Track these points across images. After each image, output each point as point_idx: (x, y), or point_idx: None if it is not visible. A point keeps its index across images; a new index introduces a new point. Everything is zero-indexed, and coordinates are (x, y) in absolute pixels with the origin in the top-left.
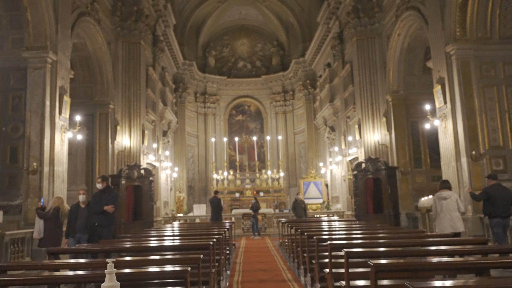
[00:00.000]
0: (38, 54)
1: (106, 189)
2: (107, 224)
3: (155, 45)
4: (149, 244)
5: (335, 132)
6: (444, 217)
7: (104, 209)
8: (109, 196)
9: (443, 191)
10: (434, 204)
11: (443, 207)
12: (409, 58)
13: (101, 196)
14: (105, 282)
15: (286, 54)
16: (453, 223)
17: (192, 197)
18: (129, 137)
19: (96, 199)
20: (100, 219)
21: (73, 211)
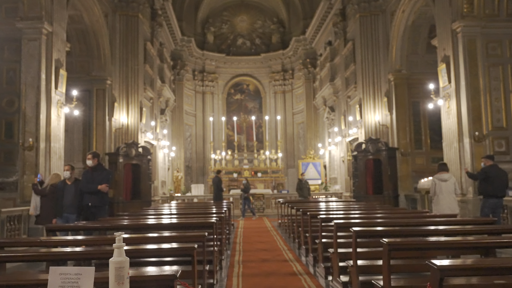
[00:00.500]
0: (33, 24)
1: (98, 166)
2: (101, 204)
3: (154, 19)
4: (150, 222)
5: (334, 112)
6: (443, 199)
7: (98, 189)
8: (102, 175)
9: (443, 173)
10: (433, 185)
11: (442, 189)
12: (413, 36)
13: (92, 175)
14: (114, 257)
15: (287, 32)
16: (451, 205)
17: (189, 176)
18: (126, 114)
19: (88, 178)
20: (94, 199)
21: (60, 189)
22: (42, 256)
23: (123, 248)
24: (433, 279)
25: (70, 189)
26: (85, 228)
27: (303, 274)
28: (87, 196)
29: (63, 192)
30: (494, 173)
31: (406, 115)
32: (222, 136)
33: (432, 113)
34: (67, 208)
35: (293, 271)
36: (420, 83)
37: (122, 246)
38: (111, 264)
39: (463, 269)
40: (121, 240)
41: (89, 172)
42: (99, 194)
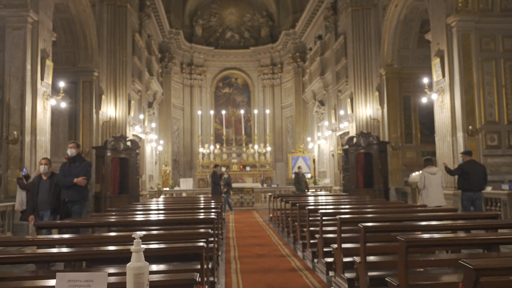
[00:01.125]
0: (18, 12)
1: (77, 158)
2: (78, 199)
3: (142, 10)
4: (146, 218)
5: (324, 106)
6: (432, 192)
7: (74, 182)
8: (80, 167)
9: (431, 167)
10: (422, 178)
11: (431, 182)
12: (404, 30)
13: (70, 167)
14: (132, 262)
15: (276, 26)
16: (439, 197)
17: (177, 170)
18: (114, 107)
19: (65, 170)
20: (70, 194)
21: (35, 184)
22: (34, 257)
23: (142, 251)
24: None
25: (44, 184)
26: (76, 225)
27: (303, 269)
28: (64, 191)
29: (38, 188)
30: (470, 168)
31: (397, 109)
32: (210, 129)
33: (422, 107)
34: (41, 205)
35: (292, 266)
36: (411, 78)
37: (141, 249)
38: (129, 270)
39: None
40: (139, 243)
41: (66, 164)
42: (76, 188)
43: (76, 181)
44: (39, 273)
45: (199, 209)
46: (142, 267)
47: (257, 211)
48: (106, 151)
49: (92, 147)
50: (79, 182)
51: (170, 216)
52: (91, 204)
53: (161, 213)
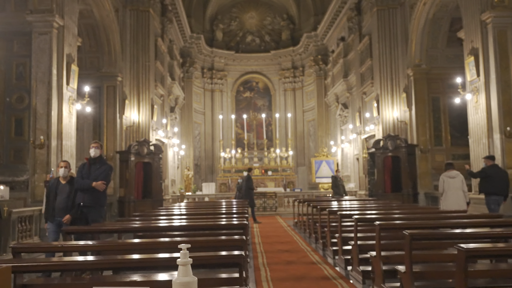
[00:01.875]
0: (44, 17)
1: (98, 159)
2: (94, 204)
3: (164, 15)
4: (176, 224)
5: (348, 109)
6: (451, 195)
7: (92, 186)
8: (100, 170)
9: (451, 171)
10: (442, 182)
11: (450, 186)
12: (433, 29)
13: (90, 169)
14: (179, 277)
15: (297, 29)
16: (459, 201)
17: (198, 175)
18: (137, 111)
19: (84, 172)
20: (86, 198)
21: (52, 188)
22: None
23: (189, 264)
24: None
25: (63, 189)
26: (107, 230)
27: (337, 278)
28: (80, 194)
29: (55, 193)
30: (493, 172)
31: (426, 111)
32: (231, 134)
33: (452, 108)
34: (58, 211)
35: (325, 274)
36: (440, 78)
37: (189, 262)
38: (176, 286)
39: None
40: (187, 255)
41: (85, 166)
42: (94, 192)
43: (94, 185)
44: (67, 280)
45: (227, 214)
46: (191, 283)
47: (281, 216)
48: (130, 156)
49: (115, 151)
50: (97, 186)
51: (199, 221)
52: (115, 208)
53: (188, 218)
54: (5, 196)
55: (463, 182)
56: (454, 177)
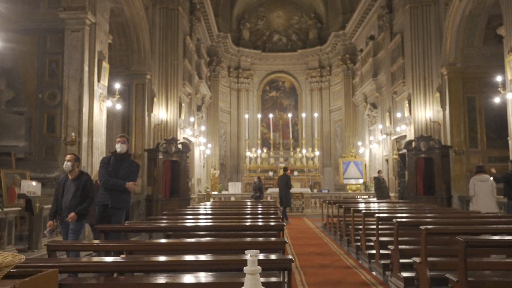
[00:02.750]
0: (76, 15)
1: (126, 156)
2: (122, 206)
3: (192, 14)
4: (210, 224)
5: (377, 109)
6: (482, 199)
7: (125, 187)
8: (130, 168)
9: (481, 175)
10: (472, 186)
11: (481, 189)
12: (469, 27)
13: (117, 165)
14: (246, 287)
15: (324, 27)
16: (489, 205)
17: (224, 174)
18: (165, 109)
19: (111, 168)
20: (115, 199)
21: (60, 184)
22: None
23: (258, 273)
24: None
25: (70, 186)
26: (146, 229)
27: (376, 284)
28: (105, 193)
29: (63, 190)
30: None
31: (461, 111)
32: (257, 133)
33: (489, 109)
34: (65, 210)
35: (363, 280)
36: (476, 77)
37: (258, 270)
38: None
39: None
40: (255, 262)
41: (112, 161)
42: (123, 193)
43: (128, 185)
44: (100, 280)
45: (261, 214)
46: None
47: (308, 217)
48: (158, 154)
49: (144, 149)
50: (130, 188)
51: (234, 222)
52: (143, 207)
53: (220, 219)
54: (37, 192)
55: (493, 186)
56: (485, 181)
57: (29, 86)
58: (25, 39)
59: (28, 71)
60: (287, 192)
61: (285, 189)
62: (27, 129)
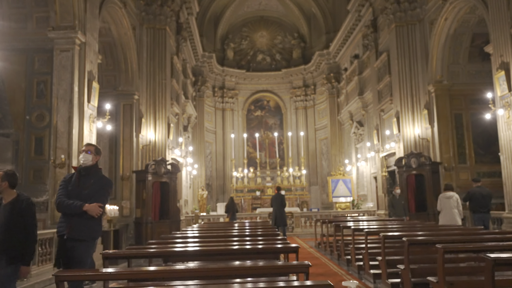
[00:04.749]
0: (66, 34)
1: (92, 170)
2: (86, 237)
3: (179, 33)
4: (224, 247)
5: (363, 127)
6: (446, 213)
7: (84, 209)
8: (95, 185)
9: (447, 192)
10: (439, 202)
11: (446, 205)
12: (454, 45)
13: (79, 183)
14: None
15: (308, 47)
16: (453, 218)
17: (210, 195)
18: (154, 130)
19: (70, 188)
20: (75, 227)
21: None
22: None
23: None
24: None
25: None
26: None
27: None
28: (62, 221)
29: None
30: (478, 192)
31: (449, 127)
32: (242, 153)
33: (476, 125)
34: None
35: None
36: (462, 94)
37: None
38: None
39: None
40: None
41: (74, 178)
42: (86, 218)
43: (87, 208)
44: None
45: (263, 236)
46: None
47: (298, 237)
48: (147, 175)
49: (132, 171)
50: (90, 211)
51: (246, 244)
52: (131, 230)
53: (226, 241)
54: None
55: (458, 201)
56: (450, 198)
57: (16, 107)
58: (12, 59)
59: (15, 91)
60: (282, 211)
61: (279, 208)
62: (14, 152)
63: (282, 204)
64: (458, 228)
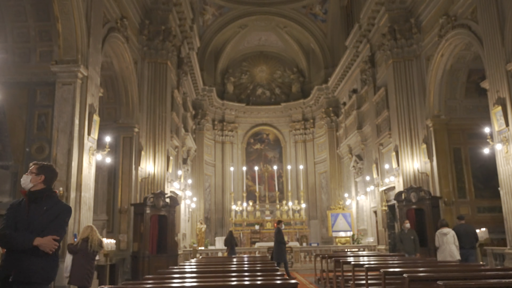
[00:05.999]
0: (69, 68)
1: (45, 195)
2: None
3: (180, 67)
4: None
5: (363, 161)
6: (445, 249)
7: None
8: (48, 214)
9: (444, 228)
10: (437, 238)
11: (444, 241)
12: (451, 80)
13: (30, 211)
14: None
15: (307, 81)
16: (452, 253)
17: (208, 229)
18: (153, 163)
19: (18, 217)
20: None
21: None
22: None
23: None
24: None
25: None
26: None
27: None
28: (10, 257)
29: None
30: (462, 230)
31: (447, 162)
32: (242, 186)
33: (474, 159)
34: None
35: None
36: (460, 129)
37: None
38: None
39: None
40: None
41: (22, 204)
42: (37, 255)
43: (39, 243)
44: None
45: (263, 271)
46: None
47: (298, 272)
48: (146, 208)
49: (130, 204)
50: (43, 246)
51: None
52: (128, 264)
53: (226, 277)
54: None
55: (455, 237)
56: (446, 234)
57: (16, 139)
58: (14, 91)
59: (16, 123)
60: (278, 247)
61: (276, 243)
62: (12, 184)
63: (277, 240)
64: (459, 265)
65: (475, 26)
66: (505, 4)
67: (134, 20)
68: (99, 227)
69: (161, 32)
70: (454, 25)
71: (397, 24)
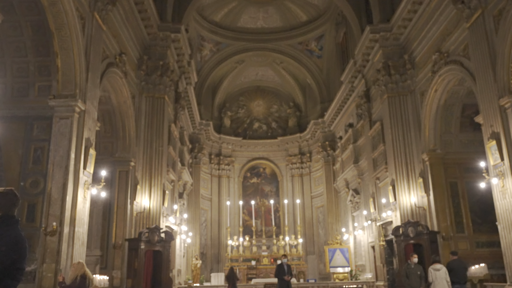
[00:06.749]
0: (66, 102)
1: None
2: None
3: (177, 102)
4: None
5: (359, 195)
6: (438, 284)
7: None
8: None
9: (436, 264)
10: (430, 274)
11: (436, 276)
12: (445, 115)
13: None
14: None
15: (303, 115)
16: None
17: (204, 264)
18: (149, 197)
19: None
20: None
21: None
22: None
23: None
24: None
25: None
26: None
27: None
28: None
29: None
30: (455, 265)
31: (444, 196)
32: (238, 221)
33: (471, 194)
34: None
35: None
36: (456, 163)
37: None
38: None
39: None
40: None
41: None
42: None
43: None
44: None
45: None
46: None
47: None
48: (140, 243)
49: (125, 239)
50: None
51: None
52: None
53: None
54: None
55: (446, 273)
56: (439, 269)
57: (11, 173)
58: (11, 126)
59: (12, 157)
60: (282, 283)
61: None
62: None
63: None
64: None
65: (467, 62)
66: (496, 41)
67: (132, 55)
68: (92, 263)
69: (159, 67)
70: (446, 61)
71: (391, 60)
